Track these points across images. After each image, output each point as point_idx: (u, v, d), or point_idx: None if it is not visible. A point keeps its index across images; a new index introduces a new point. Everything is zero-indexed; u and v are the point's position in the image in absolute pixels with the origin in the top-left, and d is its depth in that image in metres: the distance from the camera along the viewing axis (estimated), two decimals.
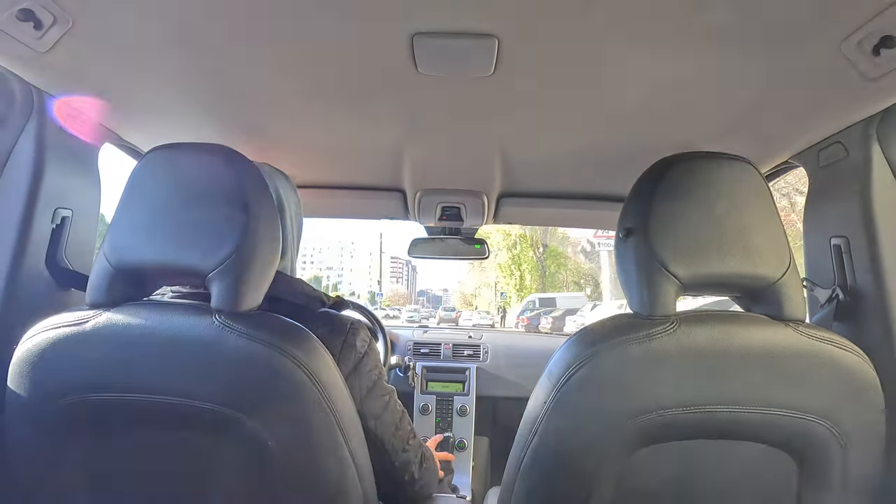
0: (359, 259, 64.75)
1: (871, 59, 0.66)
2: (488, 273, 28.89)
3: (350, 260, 65.44)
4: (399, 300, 51.76)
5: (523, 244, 23.84)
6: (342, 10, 0.64)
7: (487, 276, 29.63)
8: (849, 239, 0.83)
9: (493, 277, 27.79)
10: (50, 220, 0.83)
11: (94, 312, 0.59)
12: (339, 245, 65.83)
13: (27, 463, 0.62)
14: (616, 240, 0.68)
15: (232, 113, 0.97)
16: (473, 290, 35.13)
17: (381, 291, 36.49)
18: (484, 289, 31.62)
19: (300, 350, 0.59)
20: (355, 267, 64.63)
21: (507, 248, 23.82)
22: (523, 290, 23.76)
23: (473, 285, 34.75)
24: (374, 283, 52.86)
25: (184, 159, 0.62)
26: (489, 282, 29.46)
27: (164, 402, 0.58)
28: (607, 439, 0.61)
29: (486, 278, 30.04)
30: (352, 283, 60.25)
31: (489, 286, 29.94)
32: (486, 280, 30.42)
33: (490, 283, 29.55)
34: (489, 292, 30.20)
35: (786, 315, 0.61)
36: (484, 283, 31.20)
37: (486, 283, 30.77)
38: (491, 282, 28.97)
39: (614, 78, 0.78)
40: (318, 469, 0.61)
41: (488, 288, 30.24)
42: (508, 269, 24.56)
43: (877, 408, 0.61)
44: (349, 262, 65.39)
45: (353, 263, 64.90)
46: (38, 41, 0.69)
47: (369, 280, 61.78)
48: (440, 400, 1.75)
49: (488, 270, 28.16)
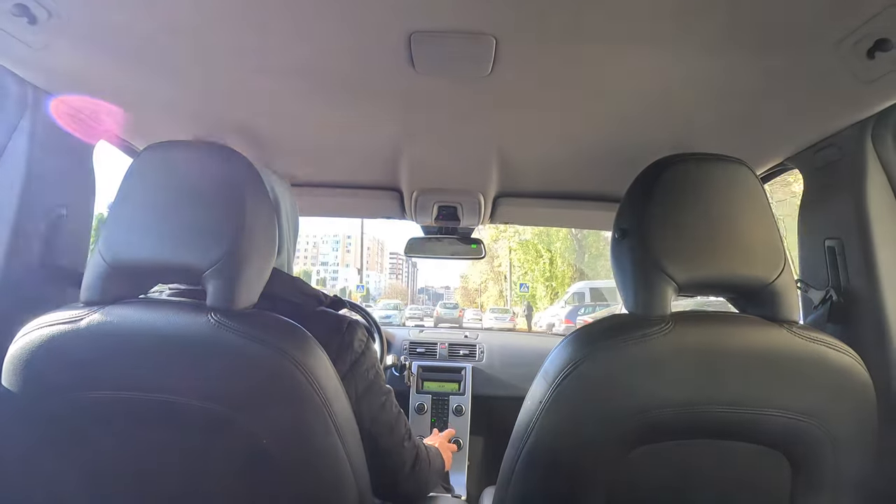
0: (356, 254, 64.25)
1: (866, 62, 0.66)
2: (498, 261, 24.00)
3: (346, 255, 64.93)
4: (398, 297, 51.15)
5: None
6: (339, 9, 0.64)
7: (495, 265, 24.70)
8: (843, 240, 0.84)
9: (505, 265, 22.18)
10: (44, 217, 0.82)
11: (88, 310, 0.58)
12: (334, 239, 65.27)
13: (21, 460, 0.61)
14: (612, 240, 0.68)
15: (228, 111, 0.97)
16: (479, 283, 29.38)
17: (362, 283, 33.06)
18: (492, 283, 27.10)
19: (296, 349, 0.58)
20: (352, 262, 64.10)
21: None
22: (554, 279, 18.53)
23: (479, 278, 29.14)
24: (363, 276, 52.13)
25: (180, 157, 0.61)
26: (502, 271, 23.77)
27: (158, 400, 0.57)
28: (602, 439, 0.61)
29: (495, 267, 24.38)
30: (347, 280, 59.66)
31: (500, 277, 25.11)
32: (495, 270, 25.55)
33: (501, 273, 24.60)
34: (499, 286, 25.79)
35: (780, 316, 0.62)
36: (493, 275, 26.47)
37: (495, 273, 25.87)
38: (503, 270, 24.02)
39: (611, 79, 0.78)
40: (313, 468, 0.61)
41: (500, 280, 25.50)
42: (535, 249, 18.90)
43: (869, 408, 0.61)
44: (346, 257, 64.82)
45: (350, 258, 64.42)
46: (33, 37, 0.69)
47: (366, 275, 61.35)
48: (436, 399, 1.75)
49: (499, 258, 22.59)
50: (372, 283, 63.22)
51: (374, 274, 67.27)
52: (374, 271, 67.90)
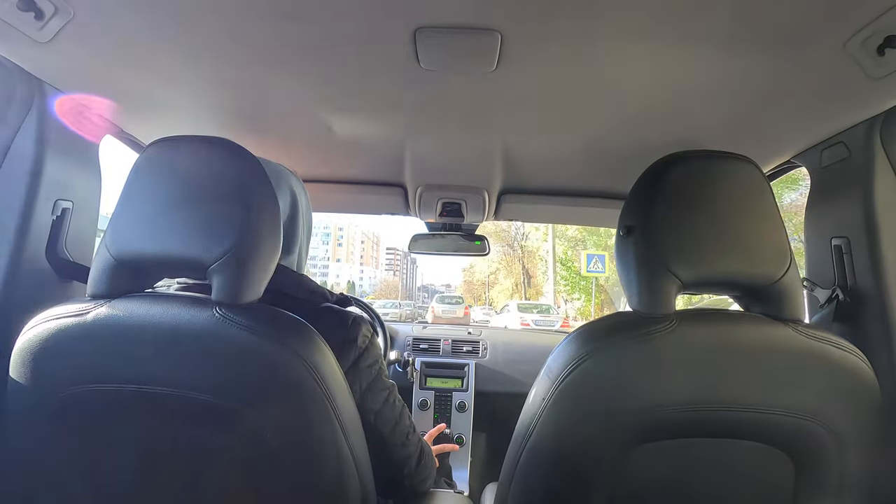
0: (348, 248, 63.01)
1: (876, 59, 0.66)
2: (524, 240, 19.47)
3: (339, 249, 63.77)
4: (391, 293, 49.67)
5: None
6: (346, 5, 0.64)
7: (519, 245, 20.02)
8: (850, 239, 0.83)
9: (535, 242, 17.80)
10: (50, 211, 0.83)
11: (94, 304, 0.59)
12: (324, 232, 64.14)
13: (27, 453, 0.62)
14: (616, 238, 0.68)
15: (233, 106, 0.97)
16: (488, 274, 25.36)
17: (351, 280, 30.77)
18: (505, 273, 23.09)
19: (301, 344, 0.59)
20: (344, 257, 62.92)
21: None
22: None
23: (487, 268, 25.07)
24: (355, 271, 50.19)
25: (185, 152, 0.62)
26: (531, 250, 19.62)
27: (163, 393, 0.58)
28: (605, 437, 0.61)
29: (522, 245, 19.99)
30: (339, 276, 58.57)
31: (514, 267, 20.84)
32: (513, 254, 20.85)
33: (526, 256, 20.16)
34: (514, 278, 21.49)
35: (785, 315, 0.61)
36: (506, 262, 22.19)
37: (508, 262, 21.72)
38: (532, 249, 19.43)
39: (617, 75, 0.78)
40: (316, 463, 0.62)
41: (515, 268, 21.38)
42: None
43: (874, 408, 0.61)
44: (337, 252, 63.59)
45: (342, 252, 63.30)
46: (40, 32, 0.69)
47: (360, 270, 60.24)
48: (439, 395, 1.76)
49: (528, 237, 18.48)
50: (367, 279, 62.27)
51: (369, 270, 66.11)
52: (369, 267, 66.76)
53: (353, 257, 64.18)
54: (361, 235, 65.87)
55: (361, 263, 64.61)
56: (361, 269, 64.20)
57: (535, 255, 20.34)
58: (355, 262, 63.63)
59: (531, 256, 20.90)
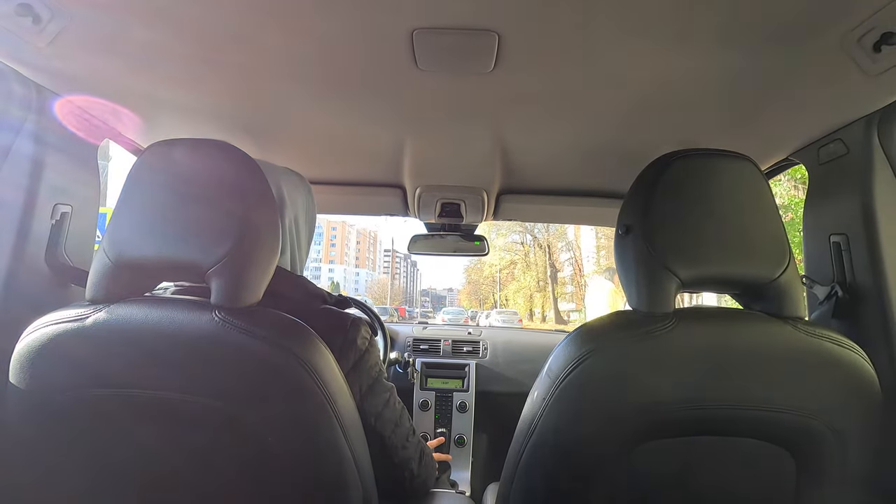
0: (341, 249, 61.85)
1: (872, 56, 0.66)
2: (524, 247, 16.65)
3: (331, 249, 62.52)
4: (383, 296, 47.55)
5: None
6: (342, 6, 0.64)
7: (517, 252, 17.24)
8: (848, 236, 0.83)
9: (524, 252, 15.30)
10: (49, 215, 0.83)
11: (93, 308, 0.59)
12: (317, 231, 63.49)
13: (27, 458, 0.62)
14: (615, 236, 0.68)
15: (231, 109, 0.97)
16: (499, 268, 21.60)
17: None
18: (522, 268, 19.47)
19: (301, 346, 0.59)
20: (337, 258, 61.60)
21: None
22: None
23: (499, 261, 20.99)
24: (350, 271, 48.61)
25: (183, 155, 0.62)
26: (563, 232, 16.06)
27: (163, 397, 0.58)
28: (606, 436, 0.61)
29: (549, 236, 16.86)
30: (332, 278, 57.26)
31: (537, 258, 17.46)
32: (536, 243, 17.62)
33: (551, 243, 16.77)
34: (535, 273, 18.10)
35: (785, 312, 0.62)
36: (523, 251, 18.70)
37: (524, 252, 18.25)
38: (521, 264, 16.63)
39: (614, 75, 0.78)
40: (317, 465, 0.62)
41: (536, 261, 18.03)
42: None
43: (874, 404, 0.61)
44: (329, 253, 62.37)
45: (335, 254, 61.96)
46: (37, 36, 0.69)
47: (355, 271, 59.09)
48: (440, 396, 1.75)
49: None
50: (362, 281, 61.29)
51: (365, 272, 64.87)
52: (364, 269, 65.65)
53: (347, 259, 63.32)
54: (358, 235, 65.14)
55: (357, 266, 63.93)
56: (357, 271, 63.36)
57: (561, 239, 16.95)
58: (350, 263, 62.77)
59: (537, 257, 18.30)
